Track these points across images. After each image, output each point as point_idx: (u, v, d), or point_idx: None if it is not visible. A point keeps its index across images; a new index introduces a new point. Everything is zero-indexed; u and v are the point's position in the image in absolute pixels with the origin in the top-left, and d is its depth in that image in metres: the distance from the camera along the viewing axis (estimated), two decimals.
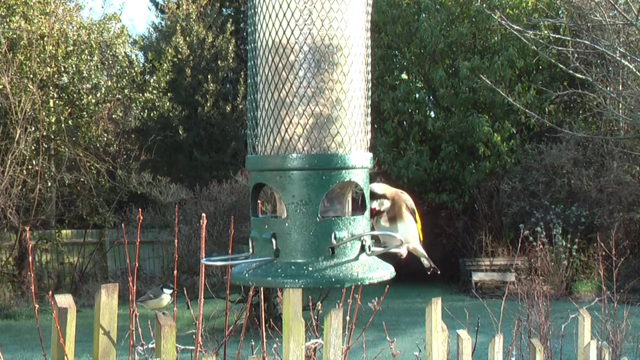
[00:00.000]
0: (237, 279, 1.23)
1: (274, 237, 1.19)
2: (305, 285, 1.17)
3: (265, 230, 1.21)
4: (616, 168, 13.07)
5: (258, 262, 1.21)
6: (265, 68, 1.23)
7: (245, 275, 1.20)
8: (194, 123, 16.25)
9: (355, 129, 1.23)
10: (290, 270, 1.17)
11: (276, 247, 1.19)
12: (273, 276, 1.17)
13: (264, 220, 1.23)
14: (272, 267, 1.19)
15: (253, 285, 1.24)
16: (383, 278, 1.21)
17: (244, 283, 1.22)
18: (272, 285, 1.19)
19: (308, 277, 1.16)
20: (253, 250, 1.24)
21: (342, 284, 1.17)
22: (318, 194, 1.19)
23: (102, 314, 1.74)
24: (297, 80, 1.20)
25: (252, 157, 1.25)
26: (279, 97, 1.21)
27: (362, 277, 1.18)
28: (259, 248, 1.22)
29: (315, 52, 1.20)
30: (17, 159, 12.12)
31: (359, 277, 1.18)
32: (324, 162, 1.19)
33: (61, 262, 13.67)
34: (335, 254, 1.19)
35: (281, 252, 1.19)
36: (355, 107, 1.23)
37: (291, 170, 1.19)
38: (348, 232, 1.20)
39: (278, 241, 1.19)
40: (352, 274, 1.18)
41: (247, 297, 2.36)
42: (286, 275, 1.17)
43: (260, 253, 1.22)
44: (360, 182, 1.23)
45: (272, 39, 1.21)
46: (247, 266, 1.22)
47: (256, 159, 1.25)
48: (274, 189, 1.22)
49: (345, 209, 1.26)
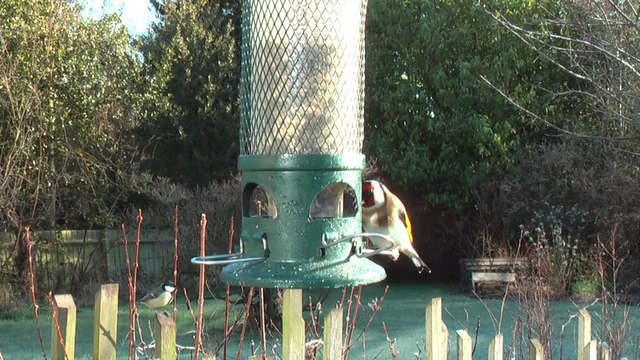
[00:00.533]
0: (227, 278, 1.23)
1: (265, 237, 1.19)
2: (294, 286, 1.17)
3: (256, 230, 1.21)
4: (616, 168, 13.07)
5: (248, 262, 1.21)
6: (258, 68, 1.23)
7: (235, 275, 1.20)
8: (194, 123, 16.25)
9: (348, 130, 1.23)
10: (280, 270, 1.17)
11: (266, 247, 1.19)
12: (263, 276, 1.17)
13: (255, 220, 1.23)
14: (262, 267, 1.18)
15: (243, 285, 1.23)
16: (373, 280, 1.21)
17: (234, 283, 1.22)
18: (261, 285, 1.19)
19: (298, 278, 1.16)
20: (244, 250, 1.24)
21: (331, 285, 1.17)
22: (309, 195, 1.18)
23: (102, 314, 1.74)
24: (290, 80, 1.20)
25: (245, 157, 1.25)
26: (271, 97, 1.21)
27: (352, 278, 1.18)
28: (250, 248, 1.22)
29: (308, 53, 1.20)
30: (17, 160, 12.12)
31: (348, 278, 1.18)
32: (315, 163, 1.19)
33: (61, 263, 13.67)
34: (325, 255, 1.18)
35: (271, 252, 1.19)
36: (348, 108, 1.23)
37: (283, 170, 1.18)
38: (339, 234, 1.20)
39: (268, 241, 1.19)
40: (342, 275, 1.18)
41: (247, 298, 2.36)
42: (276, 276, 1.16)
43: (250, 253, 1.22)
44: (352, 184, 1.23)
45: (265, 39, 1.21)
46: (237, 266, 1.21)
47: (248, 159, 1.24)
48: (265, 189, 1.22)
49: (337, 210, 1.26)
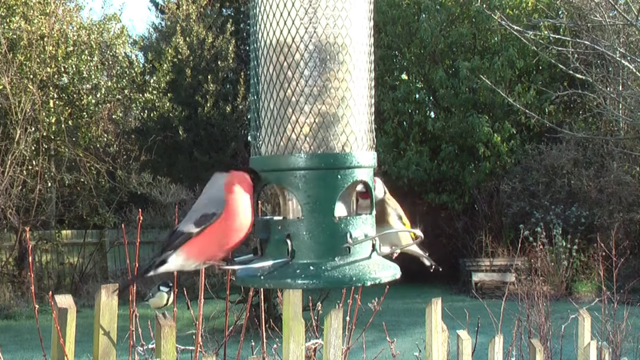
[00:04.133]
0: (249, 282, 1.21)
1: (289, 238, 1.17)
2: (325, 286, 1.16)
3: (279, 232, 1.19)
4: (616, 168, 13.07)
5: (273, 264, 1.18)
6: (269, 67, 1.21)
7: (260, 277, 1.17)
8: (194, 123, 16.25)
9: (361, 127, 1.22)
10: (308, 270, 1.15)
11: (291, 248, 1.17)
12: (292, 277, 1.15)
13: (277, 221, 1.21)
14: (289, 269, 1.16)
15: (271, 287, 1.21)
16: (395, 276, 1.21)
17: (260, 286, 1.19)
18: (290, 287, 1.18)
19: (327, 277, 1.15)
20: (262, 252, 1.21)
21: (361, 282, 1.16)
22: (334, 193, 1.18)
23: (102, 314, 1.74)
24: (302, 79, 1.19)
25: (260, 158, 1.23)
26: (284, 96, 1.20)
27: (378, 275, 1.18)
28: (272, 249, 1.20)
29: (320, 51, 1.19)
30: (17, 160, 12.12)
31: (375, 275, 1.17)
32: (338, 161, 1.18)
33: (61, 263, 13.67)
34: (351, 253, 1.18)
35: (297, 253, 1.17)
36: (361, 105, 1.22)
37: (306, 169, 1.17)
38: (362, 232, 1.19)
39: (293, 242, 1.17)
40: (369, 272, 1.17)
41: (247, 298, 2.36)
42: (306, 276, 1.15)
43: (272, 255, 1.19)
44: (369, 181, 1.23)
45: (276, 38, 1.20)
46: (259, 269, 1.19)
47: (264, 160, 1.22)
48: (287, 189, 1.20)
49: (351, 209, 1.25)
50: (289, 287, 1.19)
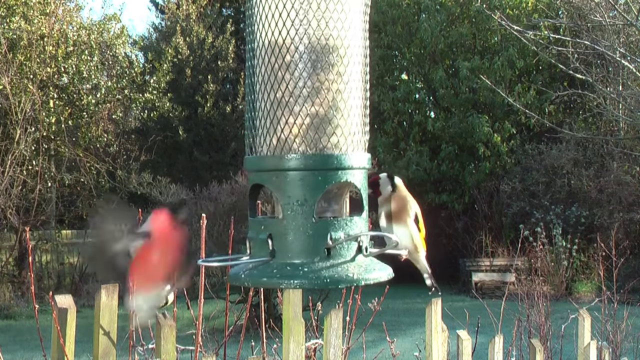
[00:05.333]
0: (234, 279, 1.23)
1: (270, 238, 1.19)
2: (300, 287, 1.17)
3: (262, 231, 1.21)
4: (616, 168, 13.07)
5: (254, 262, 1.21)
6: (262, 68, 1.23)
7: (241, 275, 1.20)
8: (194, 123, 16.25)
9: (352, 130, 1.22)
10: (285, 270, 1.17)
11: (272, 248, 1.19)
12: (268, 277, 1.17)
13: (261, 220, 1.23)
14: (268, 268, 1.18)
15: (249, 285, 1.23)
16: (379, 279, 1.20)
17: (241, 283, 1.22)
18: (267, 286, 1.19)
19: (303, 278, 1.16)
20: (250, 250, 1.24)
21: (337, 284, 1.16)
22: (314, 195, 1.18)
23: (102, 314, 1.74)
24: (292, 80, 1.19)
25: (250, 158, 1.25)
26: (275, 97, 1.21)
27: (358, 278, 1.18)
28: (256, 249, 1.22)
29: (311, 52, 1.19)
30: (17, 160, 12.12)
31: (354, 278, 1.17)
32: (320, 163, 1.18)
33: (61, 263, 13.67)
34: (331, 255, 1.18)
35: (277, 253, 1.19)
36: (352, 107, 1.23)
37: (287, 170, 1.18)
38: (344, 233, 1.19)
39: (274, 242, 1.19)
40: (347, 274, 1.17)
41: (247, 298, 2.36)
42: (282, 276, 1.16)
43: (257, 254, 1.22)
44: (358, 183, 1.23)
45: (268, 39, 1.21)
46: (244, 267, 1.22)
47: (254, 160, 1.24)
48: (270, 190, 1.22)
49: (343, 210, 1.26)
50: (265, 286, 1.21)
